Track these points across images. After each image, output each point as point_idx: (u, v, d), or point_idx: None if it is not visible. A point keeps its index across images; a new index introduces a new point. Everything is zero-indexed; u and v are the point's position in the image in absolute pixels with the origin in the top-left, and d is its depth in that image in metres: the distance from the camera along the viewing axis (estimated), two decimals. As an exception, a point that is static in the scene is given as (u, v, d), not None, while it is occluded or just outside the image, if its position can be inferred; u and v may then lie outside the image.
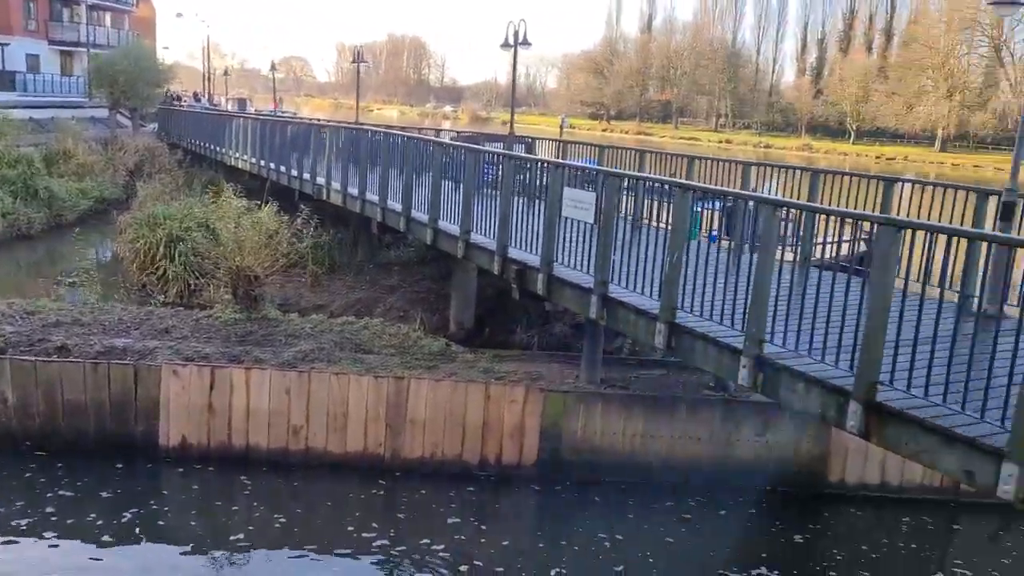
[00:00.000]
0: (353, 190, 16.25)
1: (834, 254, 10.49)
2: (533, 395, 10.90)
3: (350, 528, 9.99)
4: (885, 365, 5.97)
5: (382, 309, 15.90)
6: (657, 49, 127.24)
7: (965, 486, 5.66)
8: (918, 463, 5.97)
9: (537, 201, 10.52)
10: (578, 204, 8.98)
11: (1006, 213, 8.31)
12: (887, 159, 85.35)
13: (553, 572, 9.42)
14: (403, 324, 13.91)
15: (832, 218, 7.39)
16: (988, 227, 8.73)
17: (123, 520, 9.85)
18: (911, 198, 9.94)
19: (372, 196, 15.32)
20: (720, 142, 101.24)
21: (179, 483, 11.05)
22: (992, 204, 8.87)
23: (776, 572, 9.84)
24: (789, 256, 9.40)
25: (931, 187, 9.81)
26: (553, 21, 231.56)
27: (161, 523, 10.10)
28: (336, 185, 17.26)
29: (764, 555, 10.15)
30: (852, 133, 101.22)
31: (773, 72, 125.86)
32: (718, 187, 11.16)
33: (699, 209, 10.55)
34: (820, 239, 10.98)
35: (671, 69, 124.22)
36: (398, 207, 13.96)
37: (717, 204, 10.93)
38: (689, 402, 11.03)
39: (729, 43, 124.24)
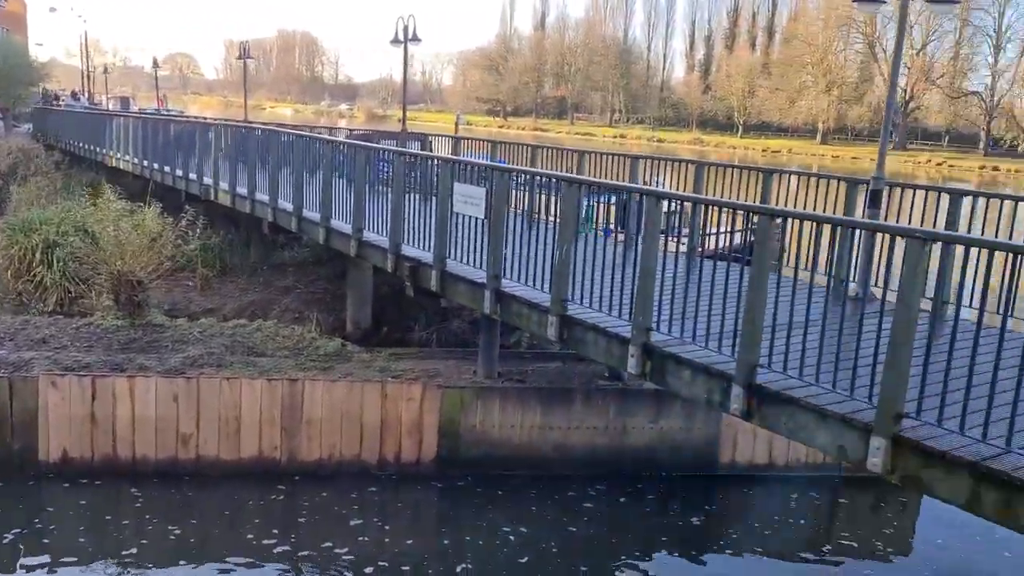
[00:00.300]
0: (242, 190, 15.83)
1: (721, 245, 10.88)
2: (430, 392, 10.88)
3: (249, 536, 9.76)
4: (764, 349, 6.22)
5: (277, 311, 15.58)
6: (551, 46, 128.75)
7: (843, 462, 5.92)
8: (796, 441, 6.24)
9: (431, 198, 10.49)
10: (469, 199, 9.00)
11: (874, 200, 8.76)
12: (772, 152, 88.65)
13: (459, 568, 9.45)
14: (298, 326, 13.66)
15: (719, 209, 7.64)
16: (858, 214, 9.18)
17: (4, 542, 9.36)
18: (787, 188, 10.37)
19: (262, 196, 14.96)
20: (615, 137, 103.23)
21: (64, 499, 10.56)
22: (862, 192, 9.33)
23: (676, 554, 10.15)
24: (682, 248, 9.69)
25: (806, 177, 10.26)
26: (448, 18, 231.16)
27: (47, 542, 9.64)
28: (224, 185, 16.77)
29: (664, 539, 10.45)
30: (740, 127, 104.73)
31: (664, 68, 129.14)
32: (605, 181, 11.37)
33: (593, 203, 10.72)
34: (713, 230, 11.36)
35: (565, 66, 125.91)
36: (289, 207, 13.68)
37: (611, 198, 11.13)
38: (584, 392, 11.23)
39: (621, 40, 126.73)
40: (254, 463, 10.84)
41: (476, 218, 9.27)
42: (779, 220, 6.62)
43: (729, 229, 11.27)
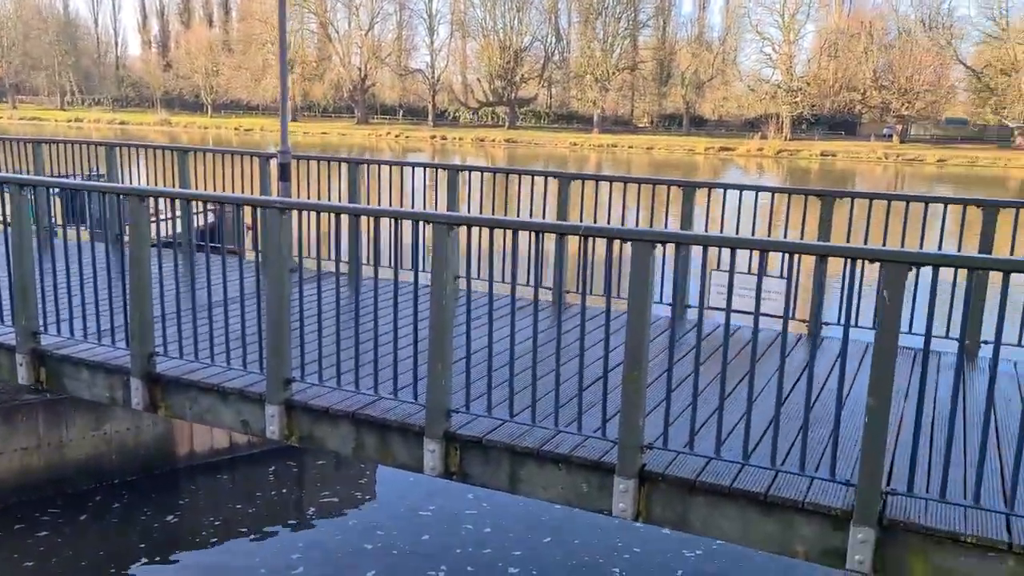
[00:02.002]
0: None
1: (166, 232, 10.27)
2: None
3: None
4: (161, 337, 5.96)
5: None
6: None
7: (249, 435, 5.96)
8: (205, 424, 6.13)
9: None
10: None
11: (284, 173, 8.98)
12: (246, 130, 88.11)
13: None
14: None
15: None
16: (273, 188, 9.36)
17: None
18: (204, 167, 10.19)
19: None
20: (70, 121, 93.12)
21: None
22: (274, 166, 9.53)
23: (157, 557, 9.51)
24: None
25: (220, 154, 10.17)
26: None
27: None
28: None
29: (143, 545, 9.72)
30: (209, 106, 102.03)
31: (117, 45, 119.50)
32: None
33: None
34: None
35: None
36: None
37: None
38: (3, 412, 9.84)
39: (61, 13, 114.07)
40: None
41: None
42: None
43: (170, 215, 10.78)
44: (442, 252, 4.69)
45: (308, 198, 9.47)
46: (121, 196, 5.79)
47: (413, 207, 8.88)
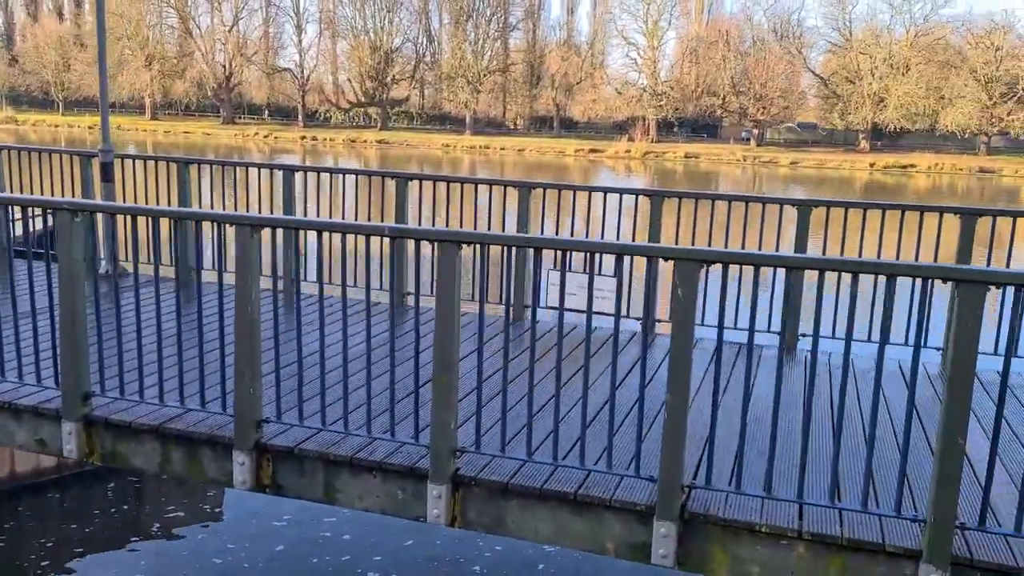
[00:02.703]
0: None
1: None
2: None
3: None
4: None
5: None
6: None
7: (45, 454, 5.54)
8: (-1, 445, 5.66)
9: None
10: None
11: (106, 174, 8.47)
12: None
13: None
14: None
15: None
16: (97, 190, 8.80)
17: None
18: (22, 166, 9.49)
19: None
20: None
21: None
22: (96, 166, 8.97)
23: None
24: None
25: (40, 153, 9.53)
26: None
27: None
28: None
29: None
30: (60, 103, 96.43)
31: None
32: None
33: None
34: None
35: None
36: None
37: None
38: None
39: None
40: None
41: None
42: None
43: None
44: (246, 255, 4.47)
45: (135, 201, 8.99)
46: None
47: (248, 211, 8.55)
